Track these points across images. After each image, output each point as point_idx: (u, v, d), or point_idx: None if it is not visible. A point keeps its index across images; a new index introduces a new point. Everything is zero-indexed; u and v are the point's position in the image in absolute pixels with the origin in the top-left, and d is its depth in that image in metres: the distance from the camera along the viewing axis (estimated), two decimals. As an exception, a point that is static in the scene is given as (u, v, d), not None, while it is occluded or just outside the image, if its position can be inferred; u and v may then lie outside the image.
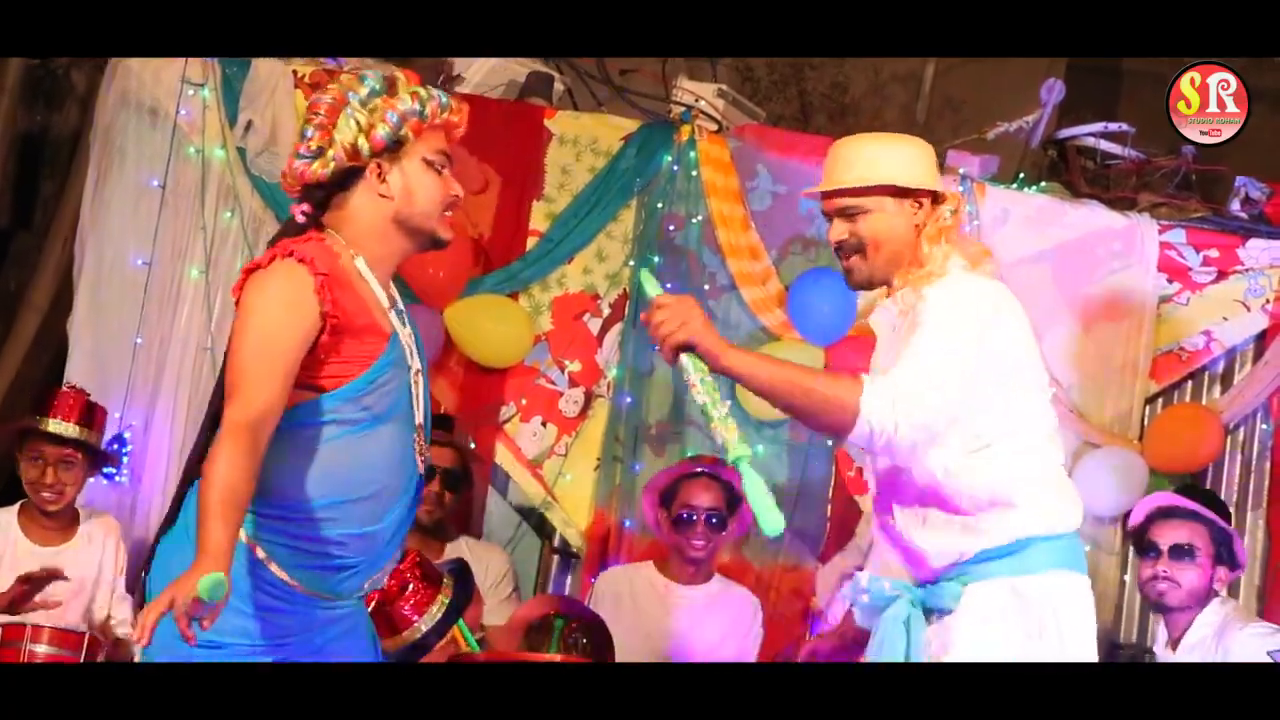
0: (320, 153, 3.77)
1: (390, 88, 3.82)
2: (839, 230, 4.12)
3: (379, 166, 3.80)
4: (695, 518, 6.07)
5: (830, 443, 6.63)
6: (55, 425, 5.74)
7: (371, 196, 3.81)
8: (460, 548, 6.18)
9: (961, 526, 3.99)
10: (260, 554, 3.67)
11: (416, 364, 3.87)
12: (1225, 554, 5.74)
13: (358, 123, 3.76)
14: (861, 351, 4.97)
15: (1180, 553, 5.65)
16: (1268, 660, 5.40)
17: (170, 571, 3.54)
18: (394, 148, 3.80)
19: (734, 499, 6.06)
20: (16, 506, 5.85)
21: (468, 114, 3.95)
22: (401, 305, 3.91)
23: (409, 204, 3.83)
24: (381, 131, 3.77)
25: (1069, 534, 4.05)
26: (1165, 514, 5.77)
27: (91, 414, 5.85)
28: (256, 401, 3.53)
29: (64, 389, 5.88)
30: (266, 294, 3.65)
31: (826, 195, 4.14)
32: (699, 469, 6.16)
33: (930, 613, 4.03)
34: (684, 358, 3.60)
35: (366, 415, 3.72)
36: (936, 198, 4.12)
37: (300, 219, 3.83)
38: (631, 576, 6.24)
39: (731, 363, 3.67)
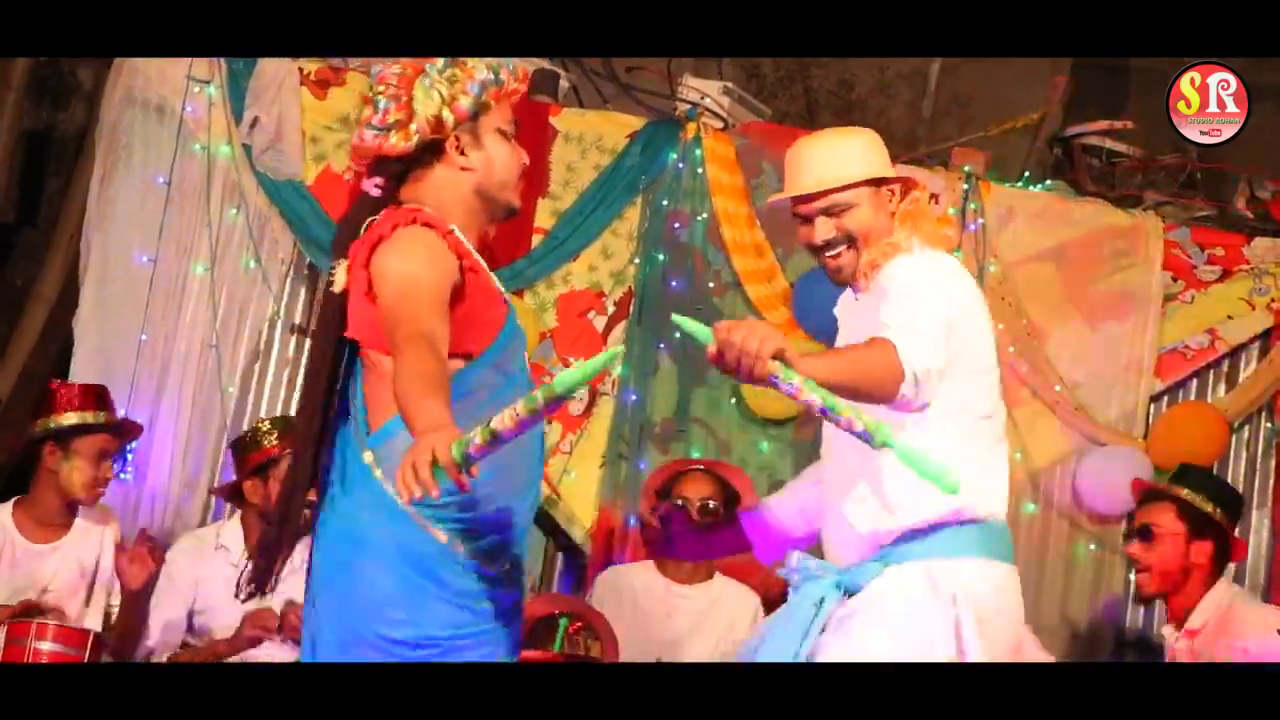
0: (398, 125, 3.72)
1: (460, 59, 3.78)
2: (825, 229, 4.12)
3: (457, 139, 3.76)
4: (688, 508, 6.05)
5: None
6: (77, 417, 5.75)
7: (452, 169, 3.77)
8: None
9: (881, 504, 4.00)
10: (456, 546, 3.63)
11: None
12: (1200, 529, 5.69)
13: (440, 94, 3.71)
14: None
15: (1145, 533, 5.66)
16: (1277, 638, 5.42)
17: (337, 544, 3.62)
18: (474, 118, 3.77)
19: (729, 493, 6.04)
20: (10, 504, 5.83)
21: (528, 79, 3.93)
22: None
23: (489, 175, 3.80)
24: (465, 102, 3.73)
25: (991, 520, 4.05)
26: (1142, 500, 5.81)
27: (101, 396, 5.86)
28: (419, 323, 3.44)
29: (56, 384, 5.87)
30: (403, 252, 3.58)
31: (806, 198, 4.14)
32: (693, 466, 6.17)
33: (848, 593, 4.04)
34: (778, 368, 3.53)
35: (502, 378, 3.70)
36: (905, 184, 4.18)
37: (375, 193, 3.77)
38: (631, 576, 6.22)
39: (807, 365, 3.57)
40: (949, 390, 3.92)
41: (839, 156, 4.13)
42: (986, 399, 4.08)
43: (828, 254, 4.15)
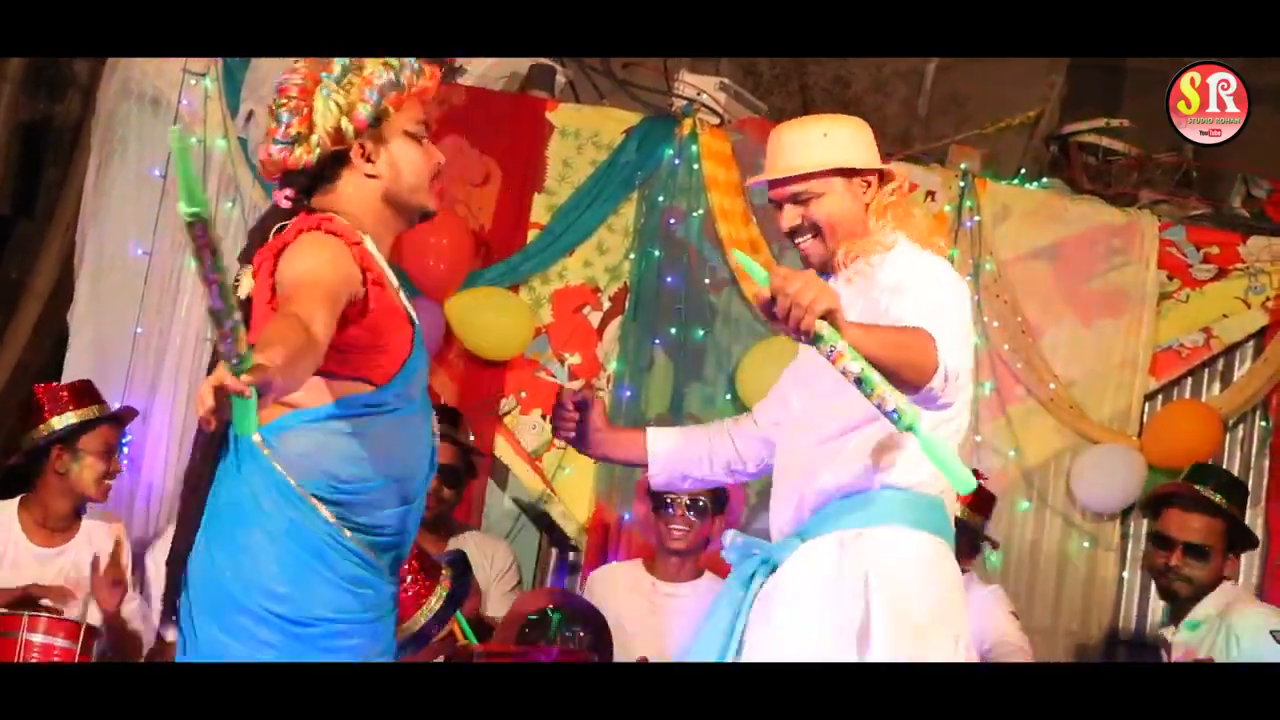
0: (301, 138, 3.67)
1: (358, 62, 3.71)
2: (791, 216, 4.09)
3: (362, 147, 3.70)
4: (675, 504, 6.06)
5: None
6: (78, 415, 5.74)
7: (358, 177, 3.72)
8: (465, 540, 6.17)
9: (801, 475, 4.00)
10: (347, 533, 3.62)
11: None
12: (1239, 542, 5.78)
13: (338, 104, 3.66)
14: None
15: (1196, 551, 5.68)
16: (1270, 640, 5.45)
17: (208, 584, 3.62)
18: (375, 124, 3.71)
19: (720, 491, 6.05)
20: (16, 502, 5.81)
21: (438, 77, 3.86)
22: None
23: (397, 180, 3.75)
24: (364, 111, 3.67)
25: (909, 489, 3.96)
26: (1184, 506, 5.78)
27: (91, 390, 5.85)
28: (299, 306, 3.35)
29: (41, 388, 5.86)
30: (304, 255, 3.53)
31: (776, 183, 4.11)
32: None
33: (774, 569, 4.04)
34: (825, 327, 3.45)
35: (403, 400, 3.68)
36: (883, 176, 4.11)
37: (285, 204, 3.74)
38: (619, 575, 6.22)
39: (853, 331, 3.52)
40: None
41: (809, 144, 4.09)
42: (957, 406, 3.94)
43: (795, 240, 4.13)
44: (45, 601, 5.44)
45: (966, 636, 4.02)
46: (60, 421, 5.72)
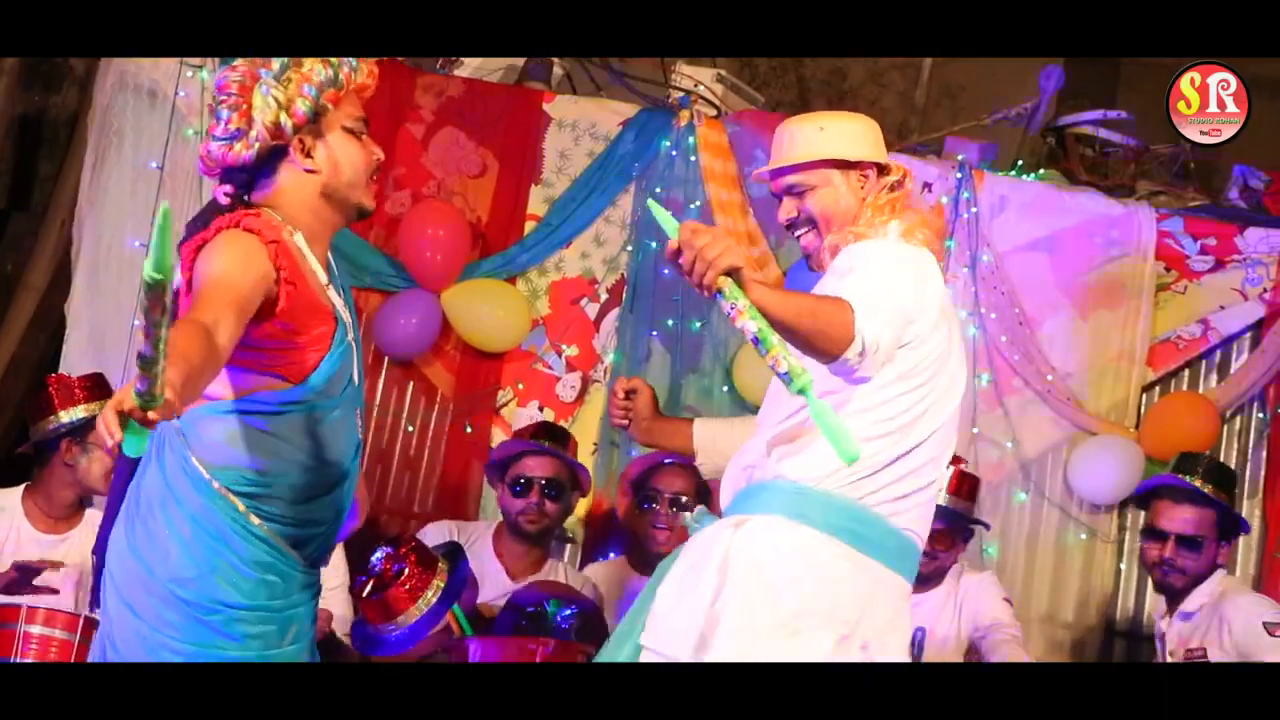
0: (240, 134, 3.73)
1: (297, 60, 3.78)
2: (788, 208, 4.09)
3: (301, 142, 3.77)
4: (658, 502, 6.06)
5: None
6: (90, 409, 5.72)
7: (297, 172, 3.79)
8: (555, 569, 6.13)
9: (741, 464, 3.99)
10: (255, 520, 3.70)
11: (353, 334, 3.87)
12: (1230, 530, 5.79)
13: (276, 100, 3.72)
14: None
15: (1188, 543, 5.69)
16: (1260, 630, 5.48)
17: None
18: (314, 120, 3.77)
19: (704, 488, 6.04)
20: (21, 490, 5.81)
21: (378, 75, 3.91)
22: (337, 272, 3.90)
23: (336, 175, 3.81)
24: (302, 106, 3.74)
25: (808, 485, 3.84)
26: (1174, 497, 5.78)
27: (104, 384, 5.84)
28: (202, 311, 3.41)
29: (53, 379, 5.84)
30: (220, 254, 3.58)
31: (774, 174, 4.12)
32: (668, 459, 6.06)
33: None
34: (727, 284, 3.44)
35: (324, 398, 3.74)
36: (882, 170, 4.09)
37: (224, 200, 3.80)
38: (606, 574, 6.23)
39: (759, 291, 3.50)
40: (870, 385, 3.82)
41: (805, 137, 4.09)
42: (904, 418, 3.88)
43: (795, 234, 4.13)
44: (39, 591, 5.43)
45: (866, 638, 3.85)
46: (68, 415, 5.71)
